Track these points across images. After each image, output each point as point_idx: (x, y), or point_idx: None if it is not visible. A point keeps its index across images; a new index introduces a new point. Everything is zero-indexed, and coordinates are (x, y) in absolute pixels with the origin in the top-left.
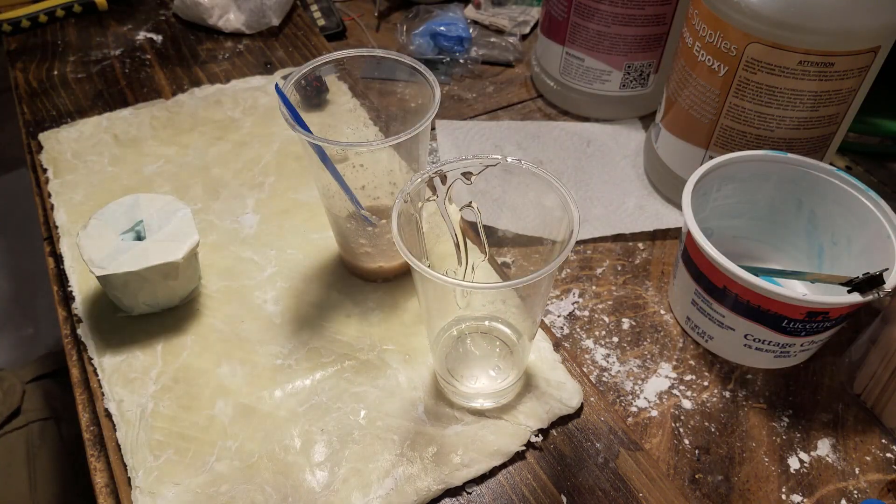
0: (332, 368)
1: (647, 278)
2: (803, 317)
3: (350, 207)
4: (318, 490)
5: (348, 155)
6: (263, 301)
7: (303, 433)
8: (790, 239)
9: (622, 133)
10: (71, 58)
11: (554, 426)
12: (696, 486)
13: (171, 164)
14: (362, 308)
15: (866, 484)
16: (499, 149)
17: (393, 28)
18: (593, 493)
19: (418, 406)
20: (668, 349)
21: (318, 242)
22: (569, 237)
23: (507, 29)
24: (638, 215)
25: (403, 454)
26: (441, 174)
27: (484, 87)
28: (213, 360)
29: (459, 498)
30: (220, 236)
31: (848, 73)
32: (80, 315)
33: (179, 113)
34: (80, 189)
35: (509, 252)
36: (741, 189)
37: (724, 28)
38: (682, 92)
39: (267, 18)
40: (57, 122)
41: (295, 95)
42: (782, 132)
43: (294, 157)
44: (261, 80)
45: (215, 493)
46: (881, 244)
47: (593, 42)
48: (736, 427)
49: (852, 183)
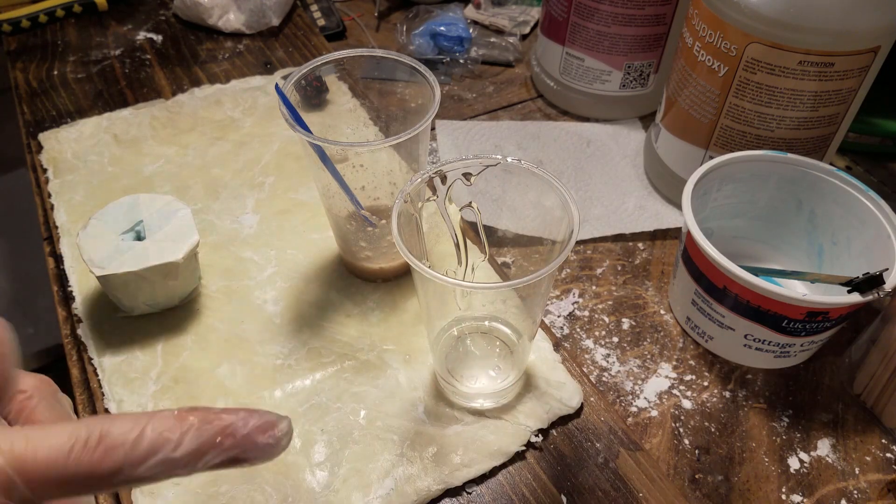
0: (332, 368)
1: (647, 278)
2: (803, 317)
3: (350, 207)
4: (318, 490)
5: (348, 155)
6: (263, 301)
7: (303, 433)
8: (790, 239)
9: (622, 133)
10: (71, 58)
11: (554, 426)
12: (696, 486)
13: (171, 164)
14: (362, 308)
15: (866, 484)
16: (499, 149)
17: (393, 28)
18: (593, 493)
19: (418, 406)
20: (668, 349)
21: (318, 242)
22: (569, 237)
23: (507, 29)
24: (638, 215)
25: (403, 454)
26: (441, 174)
27: (484, 87)
28: (213, 361)
29: (459, 498)
30: (220, 236)
31: (848, 73)
32: (80, 315)
33: (179, 113)
34: (80, 189)
35: (509, 252)
36: (741, 189)
37: (724, 28)
38: (682, 92)
39: (267, 18)
40: (57, 122)
41: (295, 95)
42: (782, 132)
43: (294, 157)
44: (261, 80)
45: (215, 492)
46: (881, 244)
47: (593, 42)
48: (736, 427)
49: (852, 183)
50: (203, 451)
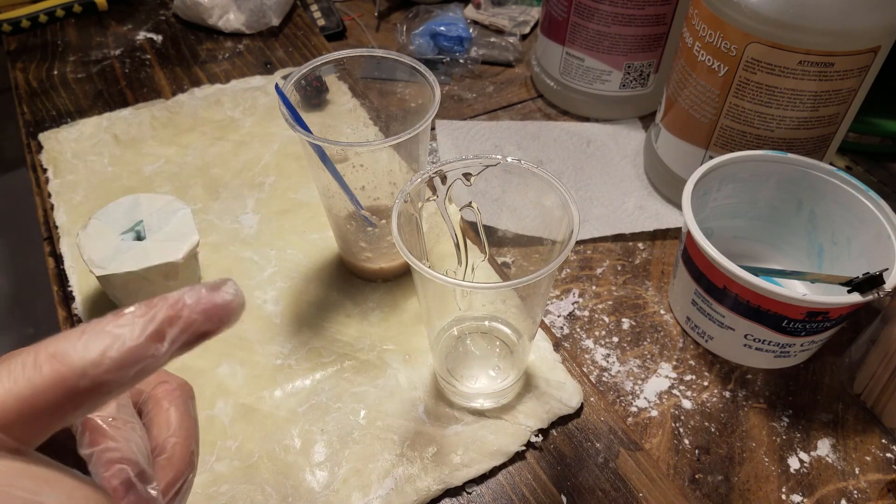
0: (332, 368)
1: (647, 278)
2: (803, 317)
3: (350, 207)
4: (318, 490)
5: (348, 155)
6: (263, 301)
7: (303, 433)
8: (790, 239)
9: (622, 133)
10: (71, 58)
11: (554, 426)
12: (696, 486)
13: (171, 164)
14: (362, 308)
15: (866, 484)
16: (499, 149)
17: (393, 28)
18: (593, 493)
19: (418, 406)
20: (668, 349)
21: (318, 242)
22: (569, 237)
23: (507, 29)
24: (638, 215)
25: (403, 454)
26: (441, 174)
27: (484, 87)
28: (213, 360)
29: (459, 498)
30: (220, 236)
31: (848, 73)
32: (80, 315)
33: (179, 113)
34: (80, 189)
35: (509, 252)
36: (741, 189)
37: (724, 28)
38: (682, 92)
39: (267, 18)
40: (57, 122)
41: (295, 95)
42: (782, 132)
43: (294, 157)
44: (261, 80)
45: (215, 492)
46: (881, 244)
47: (593, 42)
48: (736, 427)
49: (852, 183)
50: (162, 330)
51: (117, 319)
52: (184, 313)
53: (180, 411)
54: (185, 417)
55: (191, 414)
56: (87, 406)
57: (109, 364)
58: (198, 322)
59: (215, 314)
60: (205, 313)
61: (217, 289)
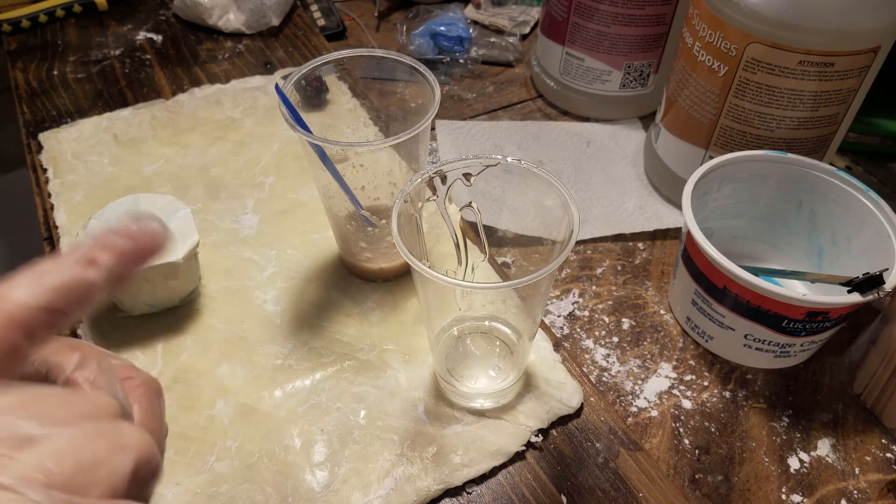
0: (332, 368)
1: (647, 278)
2: (803, 317)
3: (350, 207)
4: (318, 490)
5: (348, 155)
6: (263, 301)
7: (303, 433)
8: (790, 239)
9: (622, 133)
10: (71, 58)
11: (554, 426)
12: (696, 486)
13: (171, 164)
14: (362, 308)
15: (866, 484)
16: (499, 149)
17: (393, 28)
18: (593, 493)
19: (418, 406)
20: (668, 349)
21: (318, 242)
22: (569, 237)
23: (507, 29)
24: (638, 215)
25: (403, 454)
26: (441, 174)
27: (484, 87)
28: (213, 361)
29: (459, 498)
30: (220, 236)
31: (848, 73)
32: None
33: (179, 113)
34: (80, 189)
35: (509, 252)
36: (741, 189)
37: (724, 28)
38: (682, 92)
39: (267, 18)
40: (57, 122)
41: (295, 95)
42: (782, 132)
43: (294, 157)
44: (261, 80)
45: (215, 492)
46: (881, 244)
47: (593, 42)
48: (736, 427)
49: (852, 183)
50: (94, 256)
51: (52, 259)
52: (114, 241)
53: (143, 409)
54: (148, 415)
55: (155, 411)
56: (40, 336)
57: (51, 293)
58: (126, 247)
59: (141, 239)
60: (132, 238)
61: (141, 219)
